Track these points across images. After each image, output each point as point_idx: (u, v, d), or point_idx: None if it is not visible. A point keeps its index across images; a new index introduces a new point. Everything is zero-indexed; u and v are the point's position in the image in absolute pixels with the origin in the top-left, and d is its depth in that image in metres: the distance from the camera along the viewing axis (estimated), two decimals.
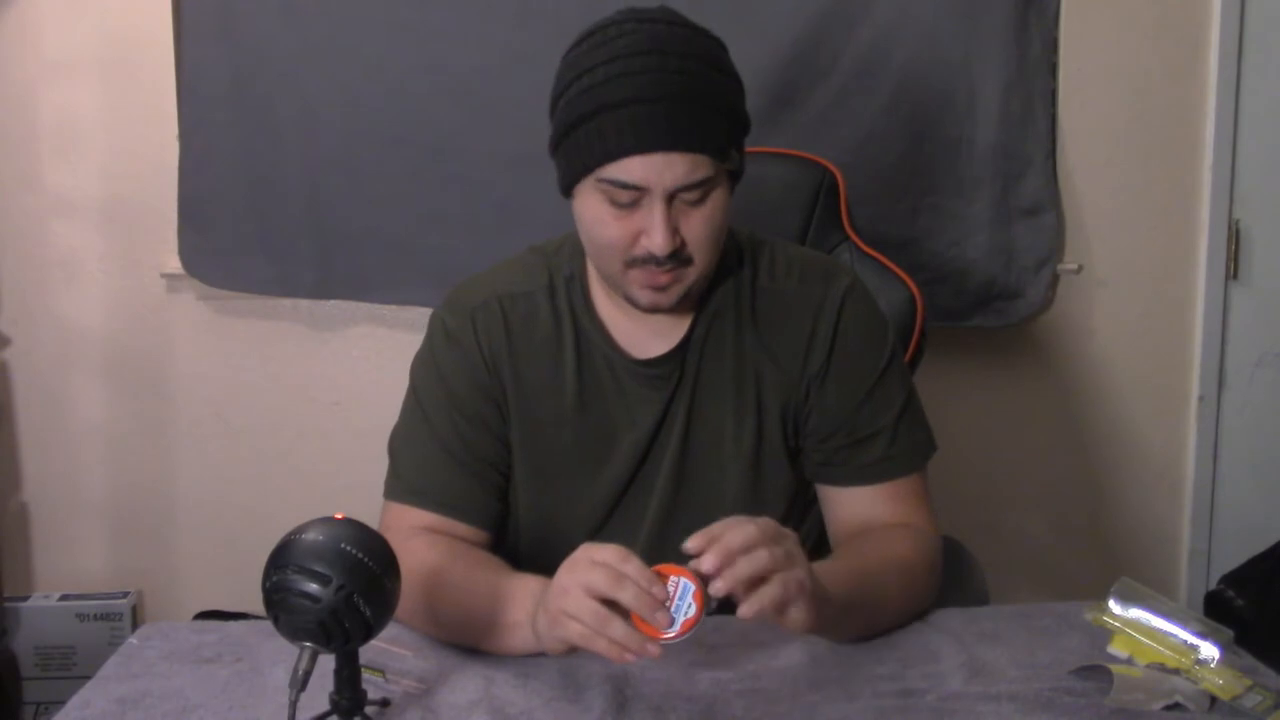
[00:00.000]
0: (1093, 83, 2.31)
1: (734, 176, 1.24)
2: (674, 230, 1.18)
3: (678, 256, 1.20)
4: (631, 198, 1.17)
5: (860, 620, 1.18)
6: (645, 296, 1.23)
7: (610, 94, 1.16)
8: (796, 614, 1.03)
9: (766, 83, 2.17)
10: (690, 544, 1.00)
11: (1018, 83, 2.24)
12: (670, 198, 1.17)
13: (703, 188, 1.18)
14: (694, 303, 1.31)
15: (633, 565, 0.99)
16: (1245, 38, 2.32)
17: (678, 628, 0.98)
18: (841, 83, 2.22)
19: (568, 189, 1.24)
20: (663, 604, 0.98)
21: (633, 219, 1.18)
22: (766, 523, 1.02)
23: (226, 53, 2.18)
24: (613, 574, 0.99)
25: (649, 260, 1.19)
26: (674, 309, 1.26)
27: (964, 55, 2.23)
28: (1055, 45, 2.27)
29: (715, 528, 1.01)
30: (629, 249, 1.20)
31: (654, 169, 1.15)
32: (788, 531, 1.05)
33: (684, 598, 0.98)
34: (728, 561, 0.98)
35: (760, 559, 0.99)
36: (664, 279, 1.21)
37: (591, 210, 1.21)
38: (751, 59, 2.10)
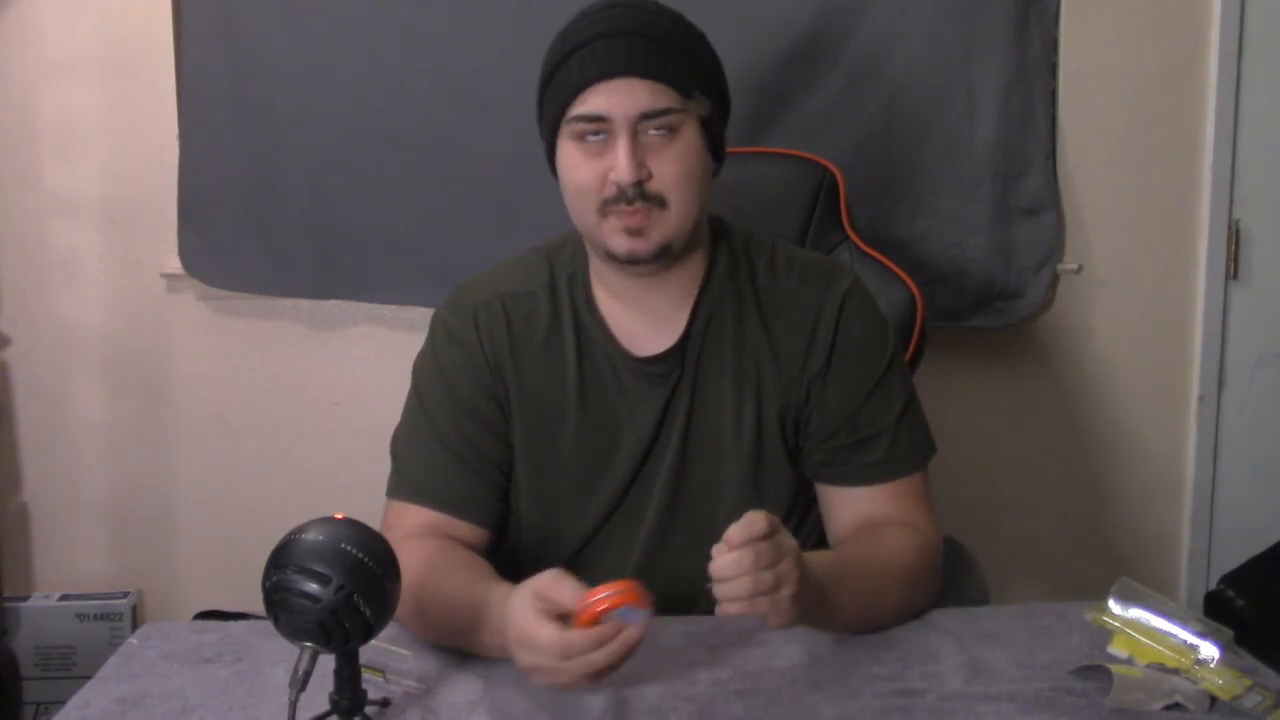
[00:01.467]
0: (1093, 83, 2.31)
1: (712, 139, 1.26)
2: (639, 162, 1.20)
3: (646, 194, 1.21)
4: (599, 131, 1.21)
5: (855, 614, 1.19)
6: (622, 242, 1.24)
7: (575, 38, 1.23)
8: (774, 620, 1.04)
9: (767, 83, 2.17)
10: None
11: (1018, 83, 2.24)
12: (634, 132, 1.20)
13: (666, 118, 1.21)
14: (691, 288, 1.31)
15: (574, 648, 0.98)
16: (1245, 38, 2.32)
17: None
18: (841, 83, 2.21)
19: (551, 154, 1.27)
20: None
21: (602, 159, 1.22)
22: (763, 547, 1.01)
23: (226, 53, 2.18)
24: (557, 672, 0.99)
25: (619, 198, 1.21)
26: (656, 264, 1.26)
27: (964, 55, 2.23)
28: (1055, 45, 2.27)
29: (732, 533, 1.01)
30: (600, 190, 1.22)
31: (615, 96, 1.19)
32: (789, 548, 1.04)
33: (628, 615, 0.98)
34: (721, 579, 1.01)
35: (739, 588, 1.00)
36: (636, 220, 1.22)
37: (566, 159, 1.24)
38: (751, 59, 2.12)
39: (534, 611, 1.00)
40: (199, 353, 2.32)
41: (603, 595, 0.97)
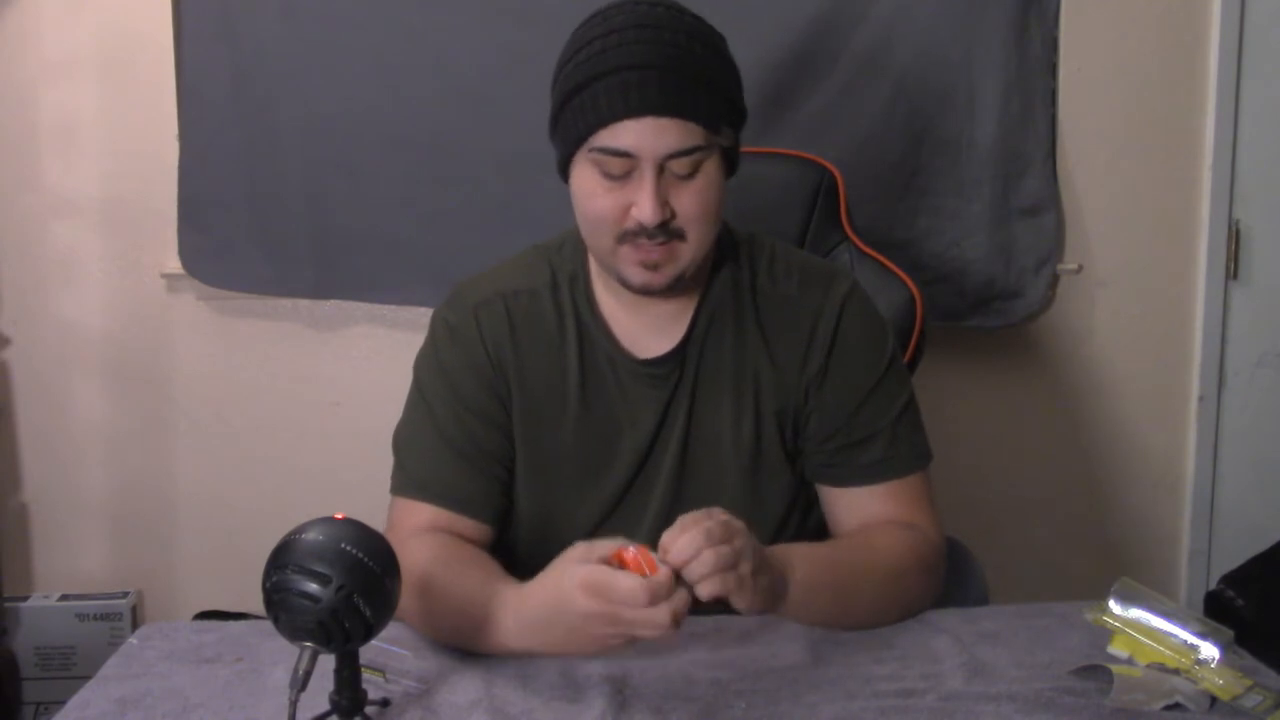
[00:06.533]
0: (1093, 83, 2.31)
1: (729, 161, 1.25)
2: (663, 201, 1.19)
3: (668, 230, 1.20)
4: (623, 167, 1.19)
5: (828, 606, 1.19)
6: (637, 275, 1.23)
7: (604, 63, 1.18)
8: (741, 600, 1.06)
9: (766, 82, 2.18)
10: (663, 544, 1.03)
11: (1018, 83, 2.24)
12: (661, 169, 1.18)
13: (693, 157, 1.19)
14: (693, 292, 1.31)
15: (662, 588, 1.00)
16: (1245, 38, 2.32)
17: None
18: (841, 83, 2.22)
19: (564, 166, 1.25)
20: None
21: (624, 191, 1.20)
22: (714, 526, 1.04)
23: (226, 53, 2.18)
24: (638, 623, 1.01)
25: (640, 233, 1.20)
26: (668, 292, 1.26)
27: (964, 55, 2.23)
28: (1055, 45, 2.27)
29: (673, 530, 1.04)
30: (620, 222, 1.21)
31: (645, 135, 1.17)
32: (738, 528, 1.06)
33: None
34: (679, 568, 1.02)
35: (703, 566, 1.02)
36: (655, 255, 1.21)
37: (584, 184, 1.22)
38: (751, 59, 2.10)
39: (600, 567, 1.02)
40: (199, 353, 2.33)
41: (633, 550, 1.02)
